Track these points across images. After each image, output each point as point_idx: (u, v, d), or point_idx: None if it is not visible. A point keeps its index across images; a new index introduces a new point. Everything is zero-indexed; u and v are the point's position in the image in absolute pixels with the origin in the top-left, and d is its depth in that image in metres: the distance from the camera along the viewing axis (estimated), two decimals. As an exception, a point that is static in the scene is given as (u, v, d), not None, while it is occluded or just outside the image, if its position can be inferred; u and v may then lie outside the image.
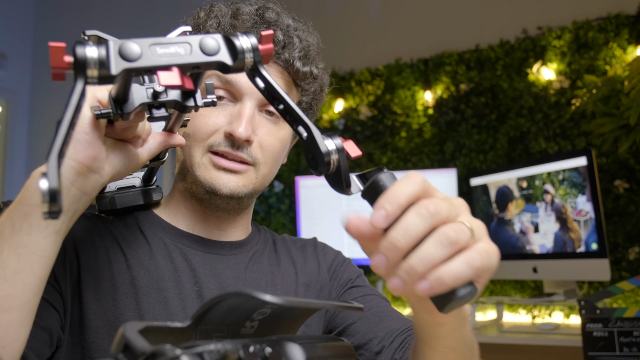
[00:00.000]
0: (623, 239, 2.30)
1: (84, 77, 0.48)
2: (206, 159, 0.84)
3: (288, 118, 0.55)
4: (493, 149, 2.66)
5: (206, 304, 0.44)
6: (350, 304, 0.51)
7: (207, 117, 0.84)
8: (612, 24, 2.45)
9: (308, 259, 0.99)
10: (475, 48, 2.78)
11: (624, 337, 1.52)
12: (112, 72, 0.47)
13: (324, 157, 0.52)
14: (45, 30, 4.50)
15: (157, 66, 0.49)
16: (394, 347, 0.85)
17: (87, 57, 0.47)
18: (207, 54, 0.52)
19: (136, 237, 0.86)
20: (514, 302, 2.39)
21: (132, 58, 0.48)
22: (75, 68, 0.48)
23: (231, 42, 0.53)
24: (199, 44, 0.51)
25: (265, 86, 0.56)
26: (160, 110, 0.60)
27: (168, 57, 0.50)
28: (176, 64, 0.50)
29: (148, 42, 0.49)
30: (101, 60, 0.47)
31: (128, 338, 0.36)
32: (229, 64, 0.53)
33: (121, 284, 0.80)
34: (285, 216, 3.08)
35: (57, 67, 0.48)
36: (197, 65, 0.51)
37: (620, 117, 2.05)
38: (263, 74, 0.55)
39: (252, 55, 0.54)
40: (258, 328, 0.48)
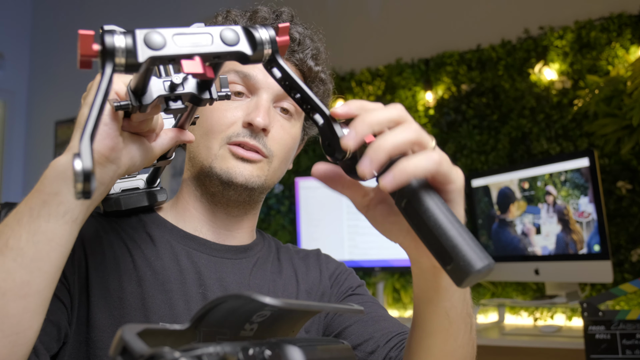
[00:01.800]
0: (626, 240, 2.29)
1: (112, 64, 0.50)
2: (224, 149, 0.87)
3: (305, 106, 0.58)
4: (494, 149, 2.65)
5: (205, 306, 0.44)
6: (350, 307, 0.51)
7: (225, 110, 0.87)
8: (614, 23, 2.43)
9: (310, 267, 1.01)
10: (476, 48, 2.77)
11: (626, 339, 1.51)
12: (139, 60, 0.50)
13: (337, 142, 0.55)
14: (42, 30, 4.51)
15: (180, 55, 0.52)
16: (390, 347, 0.87)
17: (115, 45, 0.50)
18: (227, 45, 0.54)
19: (143, 238, 0.88)
20: (515, 304, 2.38)
21: (157, 47, 0.51)
22: (103, 56, 0.50)
23: (250, 33, 0.56)
24: (220, 35, 0.54)
25: (282, 76, 0.59)
26: (176, 103, 0.62)
27: (191, 46, 0.52)
28: (198, 53, 0.52)
29: (171, 32, 0.52)
30: (128, 49, 0.50)
31: (126, 340, 0.36)
32: (249, 55, 0.55)
33: (128, 283, 0.82)
34: (284, 217, 3.07)
35: (85, 54, 0.50)
36: (218, 55, 0.54)
37: (623, 118, 2.05)
38: (280, 63, 0.58)
39: (270, 46, 0.57)
40: (257, 331, 0.48)
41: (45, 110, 4.30)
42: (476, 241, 0.52)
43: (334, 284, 1.00)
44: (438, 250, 0.52)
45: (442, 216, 0.52)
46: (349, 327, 0.92)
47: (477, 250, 0.51)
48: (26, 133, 4.39)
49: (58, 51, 4.37)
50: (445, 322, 0.68)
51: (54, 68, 4.35)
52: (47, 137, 4.27)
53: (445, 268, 0.52)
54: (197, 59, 0.52)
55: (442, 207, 0.53)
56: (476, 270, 0.50)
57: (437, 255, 0.52)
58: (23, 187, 4.32)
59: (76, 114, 0.66)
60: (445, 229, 0.52)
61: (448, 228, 0.52)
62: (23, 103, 4.40)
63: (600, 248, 2.04)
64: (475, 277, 0.50)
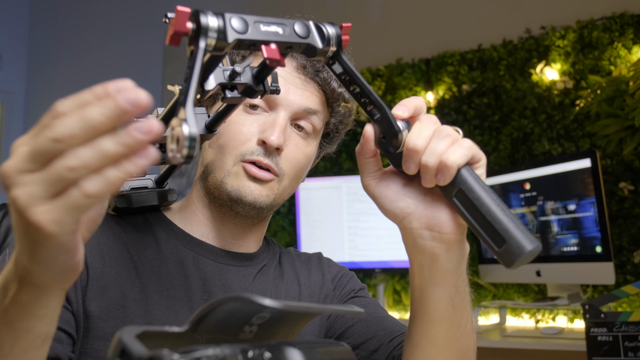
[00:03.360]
0: (628, 242, 2.28)
1: (205, 42, 0.52)
2: (238, 167, 0.86)
3: (363, 100, 0.63)
4: (496, 150, 2.63)
5: (204, 308, 0.43)
6: (351, 308, 0.50)
7: (241, 125, 0.86)
8: (616, 23, 2.42)
9: (312, 271, 1.01)
10: (477, 48, 2.76)
11: (628, 341, 1.49)
12: (229, 41, 0.53)
13: (397, 135, 0.61)
14: (40, 30, 4.50)
15: (261, 40, 0.55)
16: (393, 346, 0.87)
17: (209, 25, 0.52)
18: (300, 37, 0.58)
19: (147, 241, 0.87)
20: (517, 306, 2.38)
21: (242, 31, 0.54)
22: (197, 34, 0.52)
23: (320, 28, 0.60)
24: (293, 27, 0.58)
25: (343, 70, 0.63)
26: (233, 92, 0.64)
27: (269, 34, 0.56)
28: (276, 40, 0.56)
29: (252, 18, 0.55)
30: (220, 29, 0.52)
31: (125, 343, 0.36)
32: (318, 48, 0.59)
33: (130, 291, 0.81)
34: (284, 219, 3.06)
35: (179, 31, 0.52)
36: (291, 45, 0.58)
37: (625, 118, 2.04)
38: (344, 59, 0.62)
39: (336, 42, 0.61)
40: (257, 333, 0.47)
41: (44, 110, 4.20)
42: (524, 225, 0.58)
43: (336, 286, 1.01)
44: (490, 233, 0.58)
45: (493, 202, 0.58)
46: (351, 326, 0.92)
47: (527, 233, 0.57)
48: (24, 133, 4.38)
49: (56, 51, 4.36)
50: (449, 308, 0.69)
51: (52, 68, 4.34)
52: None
53: (496, 251, 0.57)
54: (274, 46, 0.55)
55: (491, 192, 0.59)
56: (528, 251, 0.55)
57: (489, 239, 0.58)
58: (22, 187, 4.32)
59: None
60: (498, 214, 0.58)
61: (500, 213, 0.58)
62: (21, 103, 4.39)
63: (602, 249, 2.03)
64: (526, 258, 0.56)
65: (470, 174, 0.60)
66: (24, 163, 0.43)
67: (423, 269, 0.67)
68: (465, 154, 0.60)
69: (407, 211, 0.65)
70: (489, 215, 0.58)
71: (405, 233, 0.66)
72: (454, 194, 0.60)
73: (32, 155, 0.43)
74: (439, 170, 0.59)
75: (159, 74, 3.76)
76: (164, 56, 3.76)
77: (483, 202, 0.59)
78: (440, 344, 0.71)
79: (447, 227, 0.64)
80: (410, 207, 0.65)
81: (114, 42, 4.04)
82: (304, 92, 0.89)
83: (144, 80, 3.83)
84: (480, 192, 0.59)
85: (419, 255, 0.66)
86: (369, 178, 0.67)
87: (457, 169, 0.59)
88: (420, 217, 0.64)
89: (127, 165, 0.42)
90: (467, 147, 0.60)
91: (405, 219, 0.65)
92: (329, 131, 0.98)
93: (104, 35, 4.11)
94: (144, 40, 3.88)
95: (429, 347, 0.72)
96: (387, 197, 0.66)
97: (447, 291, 0.68)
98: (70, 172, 0.41)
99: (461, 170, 0.60)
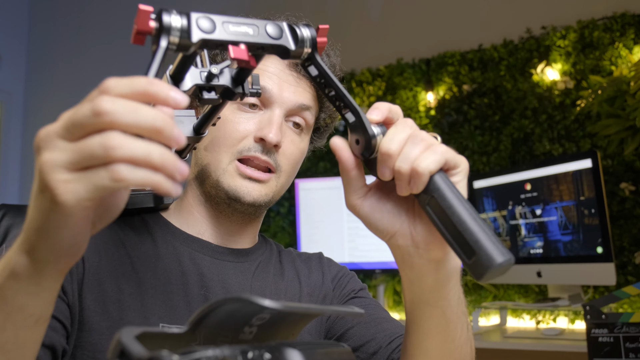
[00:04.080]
0: (629, 242, 2.27)
1: (167, 42, 0.52)
2: (232, 166, 0.87)
3: (338, 103, 0.62)
4: (496, 150, 2.63)
5: (204, 309, 0.43)
6: (351, 310, 0.50)
7: (238, 123, 0.87)
8: (617, 23, 2.41)
9: (313, 270, 1.02)
10: (478, 48, 2.75)
11: (630, 342, 1.49)
12: (193, 40, 0.52)
13: (371, 139, 0.59)
14: (39, 31, 4.50)
15: (228, 41, 0.54)
16: (392, 348, 0.87)
17: (172, 24, 0.52)
18: (272, 38, 0.57)
19: (144, 239, 0.88)
20: (517, 307, 2.37)
21: (208, 30, 0.53)
22: (159, 33, 0.52)
23: (294, 30, 0.59)
24: (265, 28, 0.57)
25: (318, 73, 0.62)
26: (210, 94, 0.64)
27: (238, 35, 0.55)
28: (245, 41, 0.55)
29: (221, 19, 0.55)
30: (183, 29, 0.52)
31: (124, 344, 0.36)
32: (291, 50, 0.59)
33: (126, 285, 0.81)
34: (284, 219, 3.05)
35: (142, 30, 0.52)
36: (262, 46, 0.57)
37: (626, 119, 2.04)
38: (319, 62, 0.61)
39: (310, 45, 0.60)
40: (257, 334, 0.47)
41: (42, 111, 4.29)
42: (497, 237, 0.55)
43: (336, 286, 1.01)
44: (460, 244, 0.55)
45: (465, 212, 0.56)
46: (351, 328, 0.92)
47: (499, 245, 0.54)
48: (23, 134, 4.38)
49: (55, 52, 4.36)
50: (442, 322, 0.68)
51: (51, 69, 4.34)
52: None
53: (466, 262, 0.55)
54: (243, 46, 0.54)
55: (464, 200, 0.57)
56: (497, 264, 0.53)
57: (459, 249, 0.56)
58: (20, 188, 4.31)
59: None
60: (469, 224, 0.55)
61: (471, 223, 0.55)
62: (20, 104, 4.39)
63: (603, 250, 2.02)
64: (496, 271, 0.54)
65: (444, 181, 0.57)
66: (60, 130, 0.44)
67: (413, 284, 0.66)
68: (438, 159, 0.57)
69: (393, 229, 0.63)
70: (459, 224, 0.55)
71: (393, 250, 0.65)
72: (427, 202, 0.58)
73: (70, 124, 0.44)
74: (411, 177, 0.57)
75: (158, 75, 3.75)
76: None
77: (454, 210, 0.56)
78: (435, 356, 0.70)
79: (433, 244, 0.62)
80: (395, 225, 0.63)
81: (113, 43, 4.04)
82: (297, 88, 0.91)
83: (143, 81, 3.82)
84: (452, 200, 0.56)
85: (408, 271, 0.65)
86: (355, 197, 0.63)
87: (430, 176, 0.56)
88: (405, 234, 0.63)
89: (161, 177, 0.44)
90: (441, 152, 0.57)
91: (392, 238, 0.64)
92: (319, 126, 1.00)
93: (103, 36, 4.11)
94: (144, 40, 3.88)
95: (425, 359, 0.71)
96: (373, 216, 0.64)
97: (439, 304, 0.66)
98: (105, 150, 0.42)
99: (434, 177, 0.57)
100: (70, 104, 1.15)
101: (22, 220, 1.10)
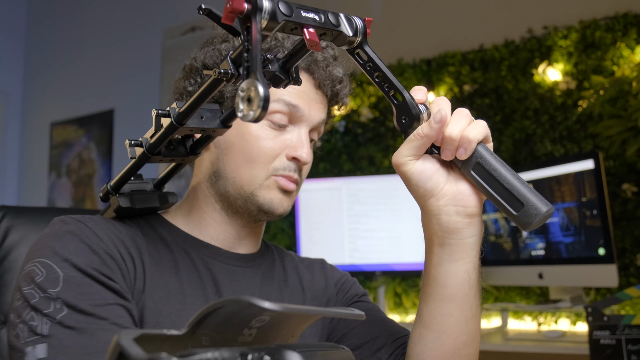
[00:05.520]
0: (631, 244, 2.26)
1: (258, 21, 0.58)
2: (271, 181, 0.90)
3: (385, 86, 0.71)
4: (498, 151, 2.61)
5: (203, 310, 0.43)
6: (351, 311, 0.51)
7: (268, 139, 0.90)
8: (619, 23, 2.40)
9: (315, 275, 1.04)
10: (479, 48, 2.74)
11: (632, 344, 1.49)
12: (279, 20, 0.59)
13: (419, 115, 0.69)
14: (38, 31, 4.51)
15: (303, 24, 0.62)
16: (397, 345, 0.89)
17: (263, 5, 0.58)
18: (333, 25, 0.66)
19: (157, 244, 0.88)
20: (519, 308, 2.37)
21: (289, 14, 0.60)
22: (249, 14, 0.57)
23: (350, 20, 0.68)
24: (327, 16, 0.65)
25: (367, 59, 0.70)
26: None
27: (309, 19, 0.63)
28: (314, 25, 0.63)
29: (294, 5, 0.62)
30: (272, 11, 0.58)
31: (122, 346, 0.36)
32: (348, 35, 0.67)
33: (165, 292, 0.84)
34: (284, 221, 3.04)
35: (236, 8, 0.57)
36: (325, 32, 0.65)
37: (629, 119, 2.04)
38: (366, 49, 0.70)
39: (362, 32, 0.69)
40: (256, 336, 0.47)
41: (41, 111, 4.29)
42: (538, 192, 0.67)
43: (339, 290, 1.03)
44: (508, 200, 0.67)
45: (508, 172, 0.67)
46: (355, 327, 0.95)
47: (542, 198, 0.66)
48: (21, 134, 4.38)
49: (53, 52, 4.36)
50: (466, 286, 0.75)
51: (49, 69, 4.34)
52: (43, 139, 4.26)
53: (514, 214, 0.66)
54: (313, 30, 0.62)
55: (505, 164, 0.68)
56: (544, 212, 0.64)
57: (507, 204, 0.67)
58: (18, 189, 4.31)
59: (72, 115, 0.65)
60: (516, 182, 0.67)
61: (517, 181, 0.67)
62: (18, 104, 4.40)
63: (605, 252, 2.02)
64: (542, 219, 0.64)
65: (486, 149, 0.69)
66: None
67: (444, 245, 0.73)
68: (482, 131, 0.69)
69: (436, 190, 0.72)
70: (506, 183, 0.67)
71: (429, 211, 0.73)
72: (472, 167, 0.69)
73: None
74: (460, 144, 0.68)
75: (157, 74, 3.75)
76: (162, 57, 3.75)
77: (500, 172, 0.67)
78: (452, 324, 0.76)
79: (470, 201, 0.71)
80: (440, 184, 0.72)
81: (112, 43, 4.04)
82: (322, 106, 0.96)
83: (141, 81, 3.82)
84: (496, 164, 0.68)
85: (442, 232, 0.73)
86: (407, 157, 0.72)
87: (476, 144, 0.68)
88: (446, 194, 0.72)
89: None
90: (483, 126, 0.70)
91: (433, 197, 0.72)
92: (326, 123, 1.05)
93: (102, 36, 4.11)
94: (142, 41, 3.88)
95: (441, 327, 0.76)
96: (423, 174, 0.72)
97: (465, 267, 0.74)
98: None
99: (478, 146, 0.68)
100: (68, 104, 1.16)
101: (21, 222, 1.11)
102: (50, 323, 0.69)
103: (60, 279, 0.72)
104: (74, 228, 0.79)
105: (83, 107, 4.04)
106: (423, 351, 0.79)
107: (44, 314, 0.70)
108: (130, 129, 3.79)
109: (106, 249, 0.78)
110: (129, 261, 0.80)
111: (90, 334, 0.69)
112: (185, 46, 2.63)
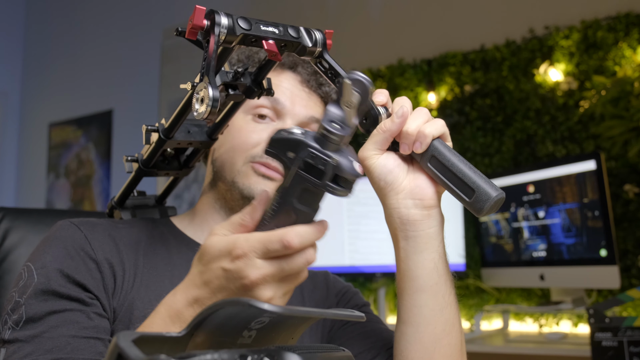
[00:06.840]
0: (633, 245, 2.25)
1: (217, 36, 0.64)
2: (247, 167, 0.93)
3: None
4: (499, 152, 2.62)
5: (202, 312, 0.43)
6: (351, 313, 0.51)
7: (252, 131, 0.94)
8: (621, 23, 2.40)
9: (317, 286, 1.05)
10: (480, 48, 2.74)
11: (634, 346, 1.49)
12: (237, 33, 0.65)
13: (377, 117, 0.76)
14: (36, 31, 4.51)
15: (262, 36, 0.68)
16: (390, 353, 0.90)
17: (221, 21, 0.64)
18: (293, 37, 0.71)
19: (157, 250, 0.91)
20: (520, 310, 2.36)
21: (247, 28, 0.66)
22: (209, 29, 0.64)
23: (310, 32, 0.74)
24: (287, 29, 0.71)
25: (328, 67, 0.76)
26: (235, 91, 0.75)
27: (268, 32, 0.68)
28: (274, 38, 0.69)
29: (253, 19, 0.67)
30: (230, 26, 0.65)
31: (121, 348, 0.36)
32: (308, 47, 0.73)
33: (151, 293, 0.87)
34: (284, 221, 3.04)
35: (197, 25, 0.64)
36: (285, 43, 0.71)
37: (630, 120, 2.04)
38: (327, 58, 0.76)
39: (322, 44, 0.75)
40: (256, 338, 0.48)
41: (39, 112, 4.29)
42: (489, 179, 0.71)
43: (340, 300, 1.05)
44: (461, 188, 0.72)
45: (461, 162, 0.72)
46: (351, 338, 0.95)
47: (492, 184, 0.70)
48: (19, 135, 4.38)
49: (51, 52, 4.36)
50: (434, 274, 0.78)
51: (47, 69, 4.34)
52: (41, 139, 4.25)
53: (467, 201, 0.71)
54: (272, 42, 0.68)
55: (459, 156, 0.73)
56: (494, 197, 0.69)
57: (461, 192, 0.72)
58: (16, 190, 4.31)
59: (70, 115, 0.68)
60: (466, 170, 0.71)
61: (468, 170, 0.71)
62: (16, 104, 4.40)
63: (607, 253, 2.01)
64: (493, 204, 0.69)
65: (441, 144, 0.74)
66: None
67: (408, 239, 0.77)
68: (438, 128, 0.75)
69: (395, 183, 0.77)
70: (459, 172, 0.71)
71: (389, 206, 0.78)
72: (428, 160, 0.74)
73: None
74: (416, 138, 0.74)
75: (156, 75, 3.74)
76: (161, 58, 3.75)
77: (453, 162, 0.72)
78: (427, 314, 0.78)
79: (427, 194, 0.76)
80: (398, 180, 0.77)
81: (110, 43, 4.04)
82: (309, 102, 0.98)
83: (140, 82, 3.82)
84: (450, 155, 0.73)
85: (403, 225, 0.77)
86: (372, 152, 0.77)
87: (432, 139, 0.74)
88: (405, 188, 0.76)
89: None
90: (441, 124, 0.76)
91: (392, 191, 0.77)
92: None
93: (100, 36, 4.11)
94: (141, 41, 3.88)
95: (418, 320, 0.78)
96: (385, 168, 0.77)
97: (431, 256, 0.77)
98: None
99: (434, 141, 0.74)
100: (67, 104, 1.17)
101: (20, 223, 1.12)
102: (11, 330, 0.76)
103: (32, 285, 0.78)
104: (64, 233, 0.85)
105: (81, 107, 4.04)
106: (405, 347, 0.80)
107: (12, 319, 0.77)
108: (129, 129, 3.78)
109: (90, 252, 0.83)
110: (118, 264, 0.84)
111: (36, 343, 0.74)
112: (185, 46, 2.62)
